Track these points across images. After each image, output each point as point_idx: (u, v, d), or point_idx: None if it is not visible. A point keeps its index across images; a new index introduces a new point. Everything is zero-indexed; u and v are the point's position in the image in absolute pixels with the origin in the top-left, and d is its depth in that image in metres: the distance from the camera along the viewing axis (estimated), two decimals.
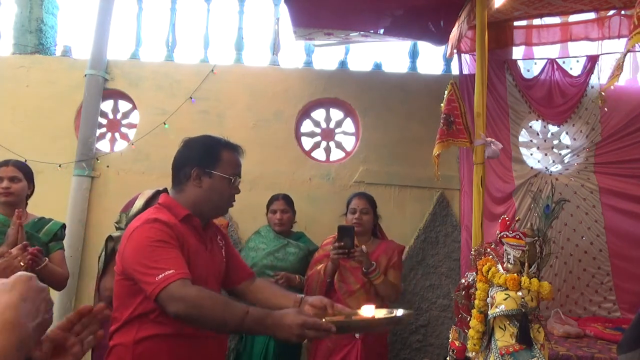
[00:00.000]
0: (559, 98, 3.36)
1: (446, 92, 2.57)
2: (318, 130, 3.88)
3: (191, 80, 3.78)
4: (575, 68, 3.42)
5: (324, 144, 3.87)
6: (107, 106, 3.95)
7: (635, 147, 3.18)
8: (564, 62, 3.43)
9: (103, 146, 3.91)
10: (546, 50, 3.41)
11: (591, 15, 3.13)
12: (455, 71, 3.64)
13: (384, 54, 6.94)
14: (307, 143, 3.86)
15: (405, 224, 3.55)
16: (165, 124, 3.71)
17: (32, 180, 2.46)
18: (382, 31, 3.35)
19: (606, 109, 3.16)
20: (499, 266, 1.69)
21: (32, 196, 2.49)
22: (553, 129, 3.42)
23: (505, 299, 1.57)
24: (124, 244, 1.57)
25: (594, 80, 3.30)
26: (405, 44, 3.87)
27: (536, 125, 3.43)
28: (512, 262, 1.62)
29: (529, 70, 3.50)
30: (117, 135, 3.97)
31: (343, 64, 3.88)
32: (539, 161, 3.41)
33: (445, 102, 2.55)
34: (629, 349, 1.59)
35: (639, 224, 3.11)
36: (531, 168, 3.36)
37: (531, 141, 3.44)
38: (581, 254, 3.20)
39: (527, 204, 3.22)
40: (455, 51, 3.11)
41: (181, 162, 1.69)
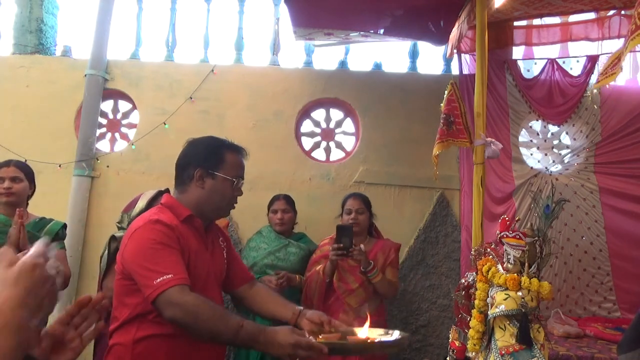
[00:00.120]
0: (559, 98, 3.36)
1: (446, 92, 2.57)
2: (318, 130, 3.88)
3: (191, 80, 3.77)
4: (575, 68, 3.42)
5: (324, 144, 3.87)
6: (107, 106, 3.95)
7: (635, 147, 3.18)
8: (564, 62, 3.43)
9: (103, 146, 3.91)
10: (546, 50, 3.41)
11: (591, 15, 3.13)
12: (455, 71, 3.64)
13: (384, 54, 6.95)
14: (307, 143, 3.86)
15: (405, 224, 3.55)
16: (165, 124, 3.71)
17: (33, 181, 2.47)
18: (382, 31, 3.34)
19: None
20: (499, 266, 1.69)
21: (32, 196, 2.49)
22: (553, 129, 3.42)
23: (505, 299, 1.57)
24: (124, 244, 1.57)
25: (594, 80, 3.30)
26: (405, 44, 3.87)
27: (536, 125, 3.43)
28: (512, 262, 1.62)
29: (529, 70, 3.50)
30: (117, 135, 3.96)
31: (343, 64, 3.88)
32: (539, 161, 3.41)
33: (445, 102, 2.55)
34: (629, 349, 1.59)
35: (639, 224, 3.12)
36: (531, 168, 3.36)
37: (531, 141, 3.44)
38: (581, 254, 3.20)
39: (527, 204, 3.22)
40: (455, 51, 3.11)
41: (184, 163, 1.69)
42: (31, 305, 0.70)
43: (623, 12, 3.01)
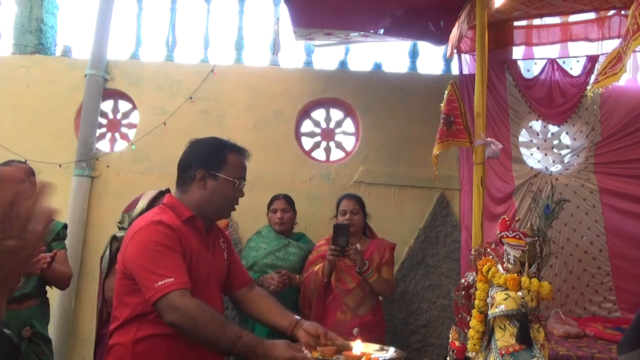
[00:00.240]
0: (559, 98, 3.36)
1: (446, 92, 2.57)
2: (318, 130, 3.87)
3: (191, 80, 3.77)
4: (575, 68, 3.42)
5: (324, 144, 3.87)
6: (107, 106, 3.95)
7: (635, 147, 3.18)
8: (564, 62, 3.43)
9: (103, 146, 3.91)
10: (546, 50, 3.41)
11: (591, 16, 3.14)
12: (455, 71, 3.64)
13: (384, 54, 6.95)
14: (307, 143, 3.85)
15: (405, 224, 3.55)
16: (165, 124, 3.71)
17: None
18: (382, 31, 3.34)
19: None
20: (499, 266, 1.69)
21: None
22: (553, 129, 3.42)
23: (505, 299, 1.57)
24: (126, 244, 1.57)
25: (594, 80, 3.30)
26: (405, 44, 3.87)
27: (536, 125, 3.43)
28: (512, 262, 1.61)
29: (529, 70, 3.50)
30: (117, 135, 3.96)
31: (343, 64, 3.88)
32: (539, 161, 3.41)
33: (445, 102, 2.55)
34: (629, 349, 1.59)
35: (639, 224, 3.11)
36: (531, 168, 3.36)
37: (531, 141, 3.44)
38: (581, 254, 3.20)
39: (527, 204, 3.22)
40: (455, 51, 3.11)
41: (187, 163, 1.69)
42: None
43: (623, 12, 3.00)
